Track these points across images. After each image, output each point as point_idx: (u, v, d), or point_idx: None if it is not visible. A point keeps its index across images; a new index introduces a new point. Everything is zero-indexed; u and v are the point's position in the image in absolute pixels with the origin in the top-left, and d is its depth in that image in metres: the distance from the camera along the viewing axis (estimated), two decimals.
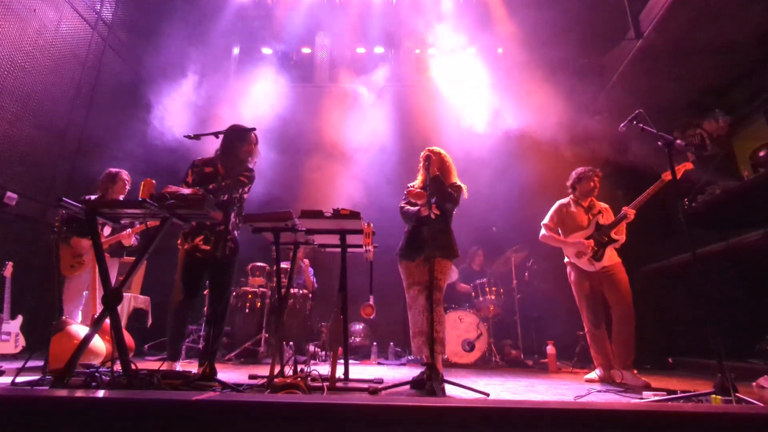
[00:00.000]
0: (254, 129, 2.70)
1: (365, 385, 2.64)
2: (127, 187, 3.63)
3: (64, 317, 2.72)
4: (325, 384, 2.36)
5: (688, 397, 2.23)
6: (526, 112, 6.18)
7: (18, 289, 3.86)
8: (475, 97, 6.50)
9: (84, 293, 3.42)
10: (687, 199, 4.00)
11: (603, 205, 3.67)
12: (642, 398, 2.31)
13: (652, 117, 2.75)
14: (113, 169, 3.63)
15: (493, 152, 6.22)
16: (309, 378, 2.62)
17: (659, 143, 2.57)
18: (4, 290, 3.80)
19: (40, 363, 2.85)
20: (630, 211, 3.36)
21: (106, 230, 3.49)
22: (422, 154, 3.06)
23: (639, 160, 4.63)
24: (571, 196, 3.73)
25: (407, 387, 2.59)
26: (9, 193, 4.37)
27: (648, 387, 2.88)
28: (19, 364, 2.94)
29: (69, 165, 5.12)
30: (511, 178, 6.04)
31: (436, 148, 3.08)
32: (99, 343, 2.74)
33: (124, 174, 3.62)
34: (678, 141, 2.51)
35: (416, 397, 2.36)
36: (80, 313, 3.18)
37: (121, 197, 3.50)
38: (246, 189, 2.99)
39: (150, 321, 4.61)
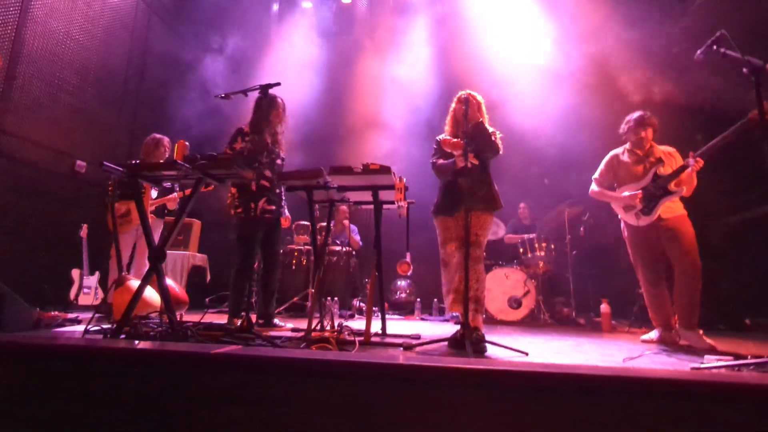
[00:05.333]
0: (279, 84, 2.61)
1: (400, 341, 2.64)
2: (167, 153, 3.79)
3: (123, 273, 2.96)
4: (357, 339, 2.38)
5: (760, 364, 1.97)
6: (588, 47, 5.50)
7: (93, 248, 4.28)
8: (528, 31, 5.88)
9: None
10: None
11: (666, 149, 3.17)
12: (702, 362, 2.07)
13: (749, 46, 2.27)
14: (157, 135, 3.81)
15: (549, 95, 5.67)
16: (346, 333, 2.67)
17: (744, 70, 2.14)
18: (82, 249, 4.24)
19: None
20: (696, 160, 2.83)
21: (153, 193, 3.71)
22: (461, 95, 2.76)
23: (723, 95, 3.97)
24: (627, 144, 3.30)
25: (442, 344, 2.55)
26: (78, 161, 4.77)
27: (713, 350, 2.59)
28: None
29: (128, 131, 5.44)
30: (568, 123, 5.49)
31: (473, 92, 2.81)
32: (155, 296, 2.97)
33: (166, 141, 3.80)
34: None
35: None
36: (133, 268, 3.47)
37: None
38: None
39: (209, 277, 4.95)
